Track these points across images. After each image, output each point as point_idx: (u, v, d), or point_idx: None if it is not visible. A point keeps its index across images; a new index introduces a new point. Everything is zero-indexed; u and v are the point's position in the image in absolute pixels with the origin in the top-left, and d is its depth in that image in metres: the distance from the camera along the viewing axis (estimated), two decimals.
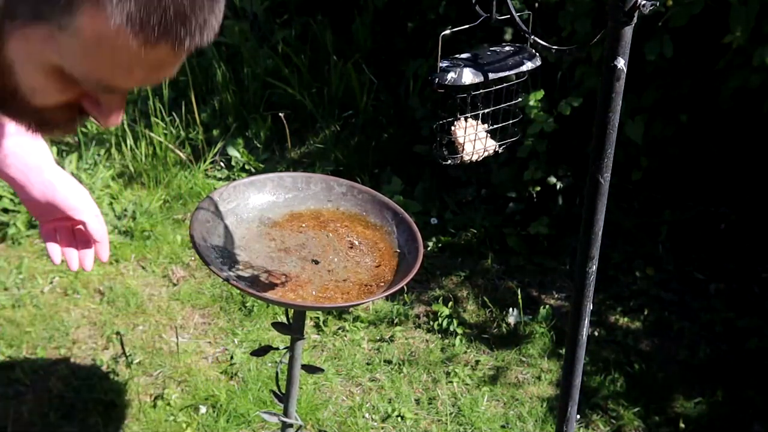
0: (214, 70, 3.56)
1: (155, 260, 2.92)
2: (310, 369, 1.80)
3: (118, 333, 2.62)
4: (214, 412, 2.37)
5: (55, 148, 3.29)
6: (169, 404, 2.38)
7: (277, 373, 1.85)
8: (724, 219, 2.97)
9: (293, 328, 1.69)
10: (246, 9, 3.86)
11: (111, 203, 3.15)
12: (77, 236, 1.44)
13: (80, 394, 2.40)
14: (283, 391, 1.81)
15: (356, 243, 1.69)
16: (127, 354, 2.53)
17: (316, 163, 3.31)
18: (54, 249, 1.41)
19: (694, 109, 2.83)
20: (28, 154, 1.33)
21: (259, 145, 3.42)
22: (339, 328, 2.67)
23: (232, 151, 3.36)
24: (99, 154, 3.34)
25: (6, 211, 3.04)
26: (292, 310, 1.68)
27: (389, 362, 2.57)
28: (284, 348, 1.80)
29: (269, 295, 1.53)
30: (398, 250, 1.66)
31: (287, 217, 1.73)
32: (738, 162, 2.89)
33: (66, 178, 1.37)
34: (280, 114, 3.38)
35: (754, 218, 2.95)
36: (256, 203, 1.72)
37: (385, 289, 1.56)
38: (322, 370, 1.82)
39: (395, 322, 2.69)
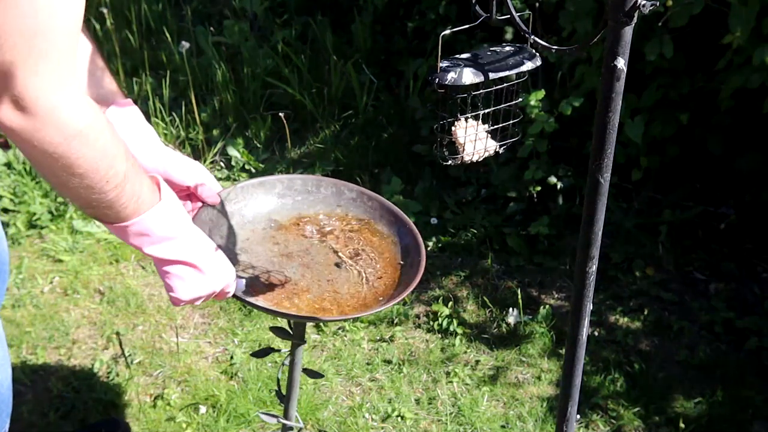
0: (214, 70, 3.56)
1: None
2: (311, 374, 1.78)
3: (117, 333, 2.62)
4: (214, 412, 2.37)
5: None
6: (169, 404, 2.38)
7: (278, 377, 1.85)
8: (724, 219, 2.97)
9: (294, 334, 1.67)
10: (246, 9, 3.86)
11: None
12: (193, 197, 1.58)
13: (80, 394, 2.40)
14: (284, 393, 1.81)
15: (361, 252, 1.66)
16: (127, 354, 2.53)
17: (316, 163, 3.31)
18: None
19: (694, 109, 2.83)
20: (142, 144, 1.47)
21: (259, 145, 3.42)
22: (339, 328, 2.68)
23: (232, 151, 3.36)
24: None
25: (6, 211, 3.05)
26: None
27: (389, 362, 2.57)
28: (285, 350, 1.79)
29: (261, 302, 1.49)
30: (401, 263, 1.63)
31: (294, 221, 1.70)
32: (738, 162, 2.88)
33: (173, 154, 1.50)
34: (280, 114, 3.38)
35: (754, 218, 2.96)
36: (264, 205, 1.69)
37: (383, 302, 1.53)
38: (322, 376, 1.81)
39: (395, 322, 2.69)
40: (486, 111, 1.39)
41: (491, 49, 1.37)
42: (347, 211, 1.72)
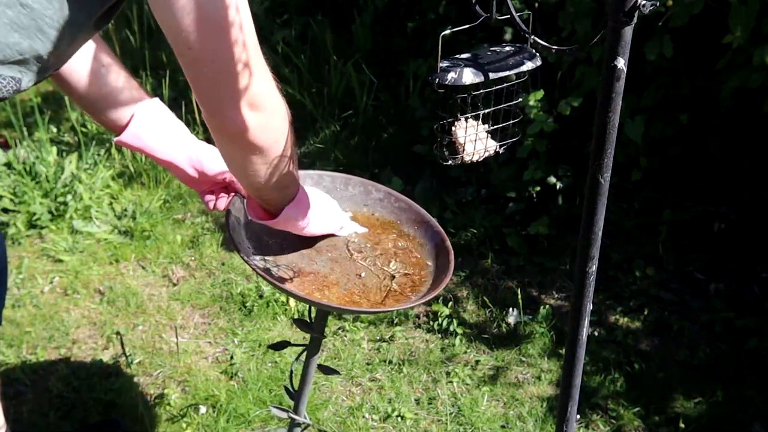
0: None
1: (155, 260, 2.92)
2: (326, 370, 1.77)
3: (118, 333, 2.62)
4: (214, 412, 2.37)
5: (54, 148, 3.29)
6: (169, 404, 2.38)
7: (291, 371, 1.85)
8: (724, 219, 2.97)
9: (314, 326, 1.67)
10: None
11: (111, 203, 3.15)
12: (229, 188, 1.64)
13: (80, 394, 2.40)
14: (295, 389, 1.80)
15: (386, 251, 1.65)
16: (127, 354, 2.53)
17: (315, 163, 3.31)
18: (210, 198, 1.63)
19: (694, 109, 2.83)
20: (173, 140, 1.56)
21: None
22: (339, 328, 2.68)
23: None
24: (99, 154, 3.34)
25: (6, 211, 3.05)
26: (315, 309, 1.67)
27: (389, 362, 2.57)
28: (302, 345, 1.78)
29: (296, 290, 1.49)
30: (429, 263, 1.63)
31: None
32: (738, 162, 2.88)
33: (207, 149, 1.57)
34: None
35: (754, 218, 2.96)
36: None
37: (415, 300, 1.53)
38: (338, 372, 1.80)
39: (395, 322, 2.69)
40: (486, 111, 1.39)
41: (491, 49, 1.37)
42: (373, 211, 1.73)
